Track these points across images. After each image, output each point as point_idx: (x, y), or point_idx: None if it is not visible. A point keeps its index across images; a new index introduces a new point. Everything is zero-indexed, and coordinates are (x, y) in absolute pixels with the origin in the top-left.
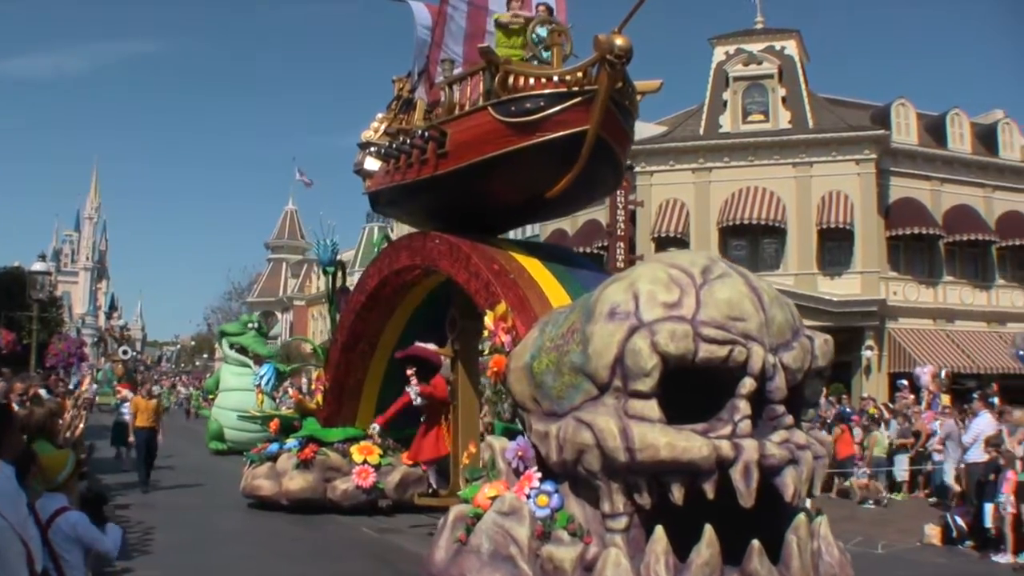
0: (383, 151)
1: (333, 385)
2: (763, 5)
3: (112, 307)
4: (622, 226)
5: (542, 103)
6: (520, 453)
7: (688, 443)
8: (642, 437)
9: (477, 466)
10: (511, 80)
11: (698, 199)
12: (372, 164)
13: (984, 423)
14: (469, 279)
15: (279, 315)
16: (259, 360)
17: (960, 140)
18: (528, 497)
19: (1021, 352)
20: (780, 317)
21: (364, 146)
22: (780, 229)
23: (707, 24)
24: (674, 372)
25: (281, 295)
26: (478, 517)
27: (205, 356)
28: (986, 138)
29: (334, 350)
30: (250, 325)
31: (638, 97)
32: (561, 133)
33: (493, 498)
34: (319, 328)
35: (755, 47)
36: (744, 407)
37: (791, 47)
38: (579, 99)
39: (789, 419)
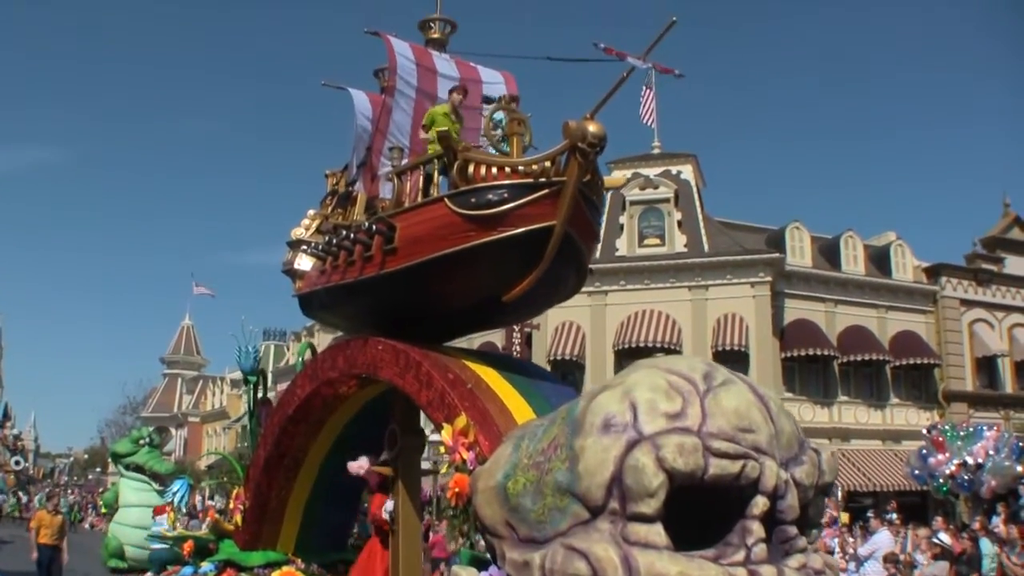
0: (320, 248)
1: (253, 505)
2: (660, 130)
3: (5, 415)
4: (518, 349)
5: (506, 195)
6: None
7: (702, 573)
8: (649, 567)
9: None
10: (471, 169)
11: (594, 322)
12: (306, 263)
13: (882, 540)
14: (420, 389)
15: (173, 431)
16: (158, 478)
17: (854, 262)
18: None
19: (916, 470)
20: (788, 428)
21: (294, 244)
22: (676, 352)
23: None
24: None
25: (176, 411)
26: None
27: (98, 470)
28: (879, 260)
29: (255, 467)
30: (142, 441)
31: (605, 193)
32: (525, 228)
33: None
34: (214, 445)
35: (652, 171)
36: (758, 530)
37: (687, 171)
38: (546, 191)
39: (803, 541)
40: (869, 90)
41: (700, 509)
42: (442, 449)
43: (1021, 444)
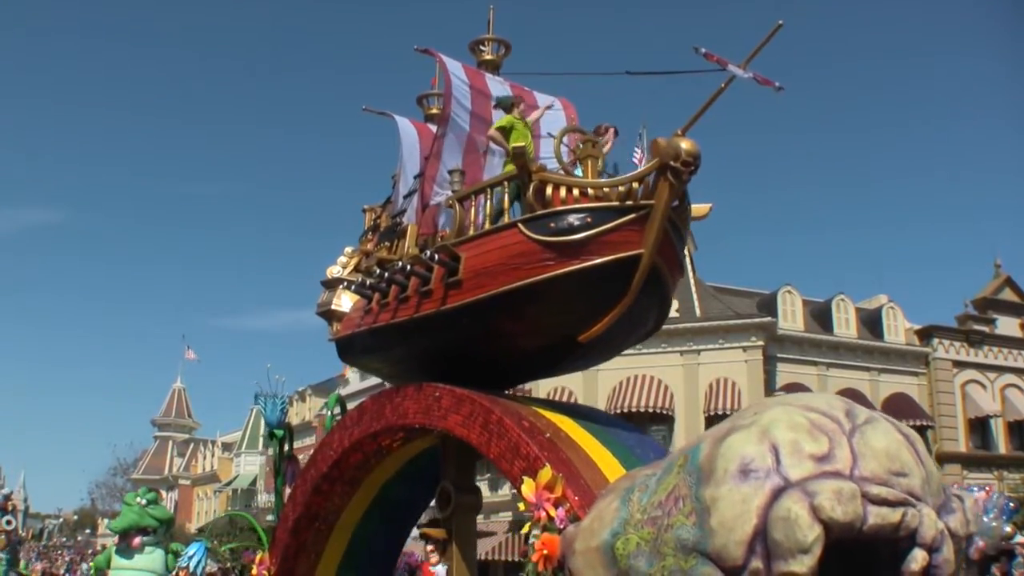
0: (367, 285)
1: (280, 571)
2: None
3: None
4: None
5: (588, 219)
6: None
7: None
8: None
9: None
10: (549, 191)
11: (586, 388)
12: (346, 303)
13: None
14: (490, 440)
15: (164, 494)
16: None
17: (845, 325)
18: None
19: None
20: (936, 472)
21: (330, 283)
22: (668, 416)
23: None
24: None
25: (167, 473)
26: None
27: (88, 531)
28: (871, 323)
29: (282, 529)
30: (139, 500)
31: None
32: (610, 257)
33: None
34: (204, 509)
35: None
36: None
37: None
38: (633, 216)
39: None
40: (860, 153)
41: (834, 567)
42: (522, 506)
43: (1012, 504)
